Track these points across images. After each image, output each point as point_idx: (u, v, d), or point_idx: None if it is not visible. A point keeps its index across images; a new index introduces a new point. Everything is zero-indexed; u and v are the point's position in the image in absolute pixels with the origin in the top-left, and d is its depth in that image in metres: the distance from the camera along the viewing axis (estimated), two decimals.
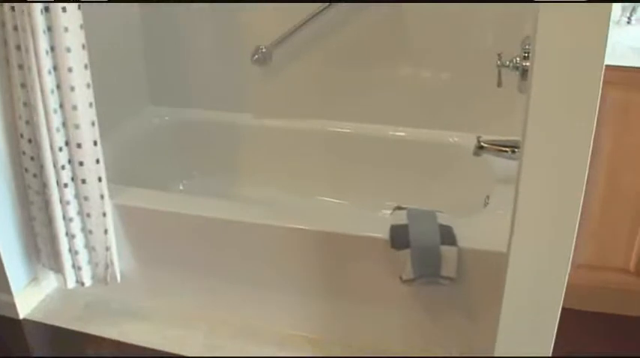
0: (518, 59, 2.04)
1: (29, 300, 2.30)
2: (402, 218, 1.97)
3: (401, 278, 1.90)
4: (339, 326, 2.13)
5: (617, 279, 2.09)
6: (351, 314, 2.10)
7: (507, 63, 2.06)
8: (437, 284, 1.89)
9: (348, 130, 2.65)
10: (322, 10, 2.41)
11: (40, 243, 2.22)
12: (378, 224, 1.98)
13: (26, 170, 2.10)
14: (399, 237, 1.90)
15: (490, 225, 1.97)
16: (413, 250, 1.86)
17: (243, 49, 2.58)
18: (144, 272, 2.25)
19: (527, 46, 1.99)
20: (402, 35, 2.46)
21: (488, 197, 2.19)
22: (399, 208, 2.05)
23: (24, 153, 2.07)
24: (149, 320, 2.23)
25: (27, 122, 2.01)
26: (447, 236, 1.88)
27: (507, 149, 2.18)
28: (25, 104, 1.98)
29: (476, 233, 1.93)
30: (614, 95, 1.87)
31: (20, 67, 1.93)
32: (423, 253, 1.86)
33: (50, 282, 2.37)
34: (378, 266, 1.97)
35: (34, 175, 2.09)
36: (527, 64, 1.97)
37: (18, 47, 1.91)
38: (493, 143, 2.20)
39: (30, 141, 2.04)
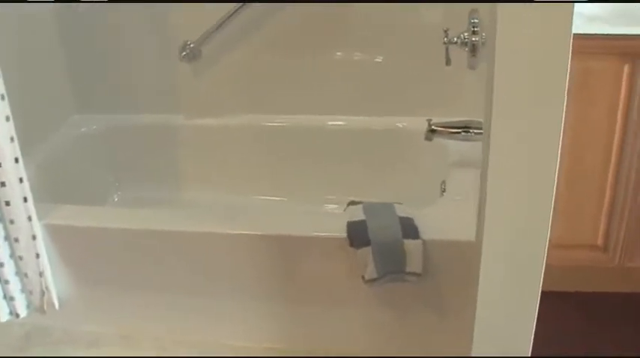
0: (466, 34, 1.92)
1: None
2: (358, 213, 1.84)
3: (363, 278, 1.77)
4: (300, 334, 2.01)
5: (587, 256, 2.03)
6: (312, 320, 1.98)
7: (455, 39, 1.94)
8: (403, 281, 1.78)
9: (286, 124, 2.51)
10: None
11: None
12: (331, 222, 1.86)
13: None
14: (357, 235, 1.77)
15: (451, 212, 1.87)
16: (374, 247, 1.74)
17: (170, 45, 2.40)
18: (84, 295, 2.08)
19: (474, 20, 1.88)
20: (337, 19, 2.32)
21: (444, 183, 2.08)
22: (353, 203, 1.93)
23: None
24: (95, 345, 2.07)
25: None
26: (409, 229, 1.77)
27: (459, 130, 2.08)
28: None
29: (438, 223, 1.82)
30: (575, 65, 1.77)
31: None
32: (384, 249, 1.74)
33: None
34: (336, 267, 1.86)
35: None
36: (476, 38, 1.87)
37: None
38: (444, 126, 2.09)
39: None
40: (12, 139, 1.82)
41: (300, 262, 1.89)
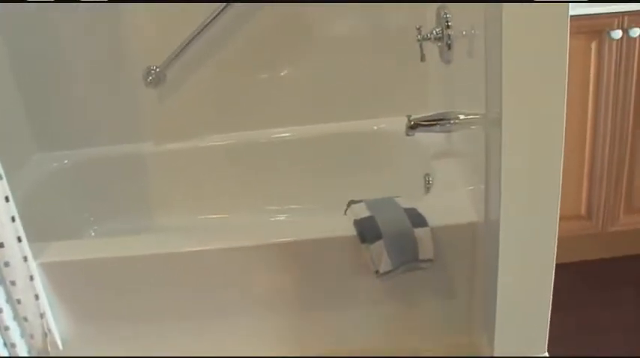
0: (438, 30, 2.01)
1: None
2: (362, 211, 1.88)
3: (377, 272, 1.80)
4: (316, 338, 2.01)
5: (574, 226, 2.14)
6: (327, 324, 1.99)
7: (428, 35, 2.03)
8: (417, 269, 1.82)
9: (259, 138, 2.52)
10: (211, 20, 2.27)
11: None
12: (334, 224, 1.88)
13: None
14: (368, 230, 1.80)
15: (447, 200, 1.94)
16: (386, 240, 1.78)
17: (133, 73, 2.38)
18: (87, 332, 2.00)
19: (446, 15, 1.96)
20: (301, 30, 2.37)
21: (428, 175, 2.15)
22: (353, 202, 1.96)
23: None
24: None
25: None
26: (416, 218, 1.82)
27: (437, 123, 2.15)
28: None
29: (438, 210, 1.88)
30: None
31: None
32: (397, 241, 1.79)
33: None
34: (346, 267, 1.89)
35: None
36: (451, 32, 1.96)
37: None
38: (423, 120, 2.16)
39: None
40: (0, 177, 1.77)
41: (311, 266, 1.91)
